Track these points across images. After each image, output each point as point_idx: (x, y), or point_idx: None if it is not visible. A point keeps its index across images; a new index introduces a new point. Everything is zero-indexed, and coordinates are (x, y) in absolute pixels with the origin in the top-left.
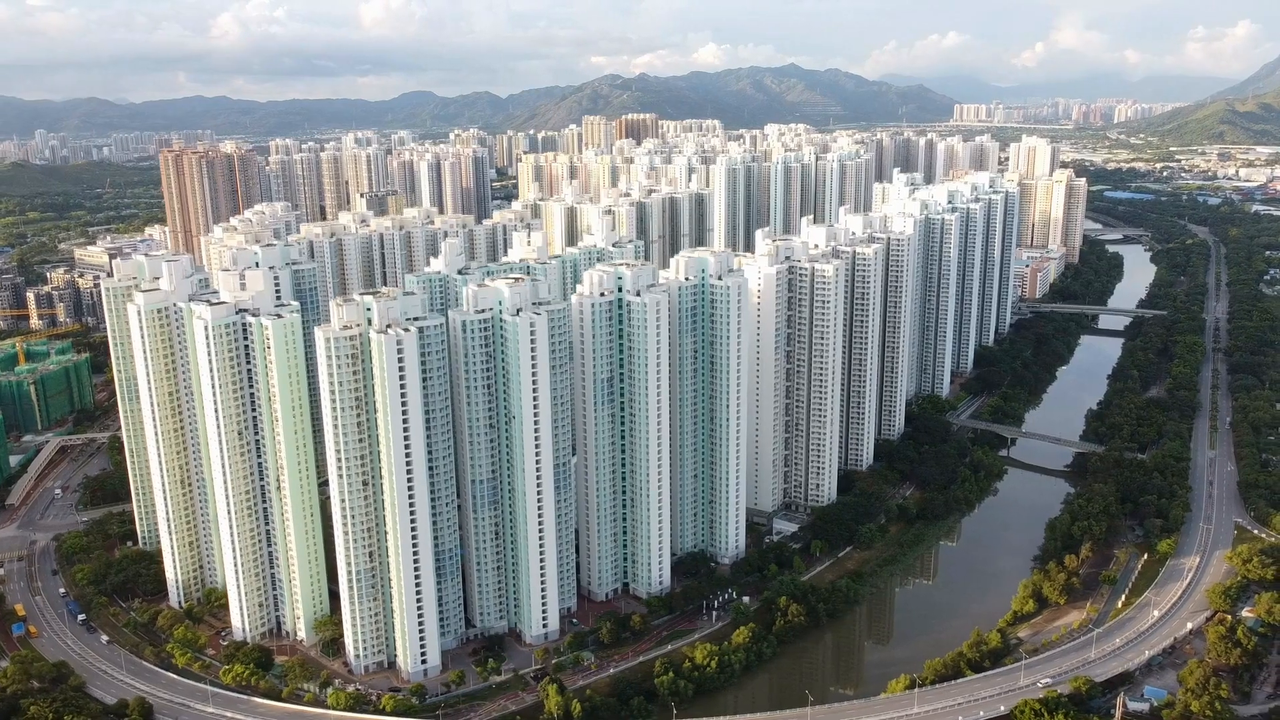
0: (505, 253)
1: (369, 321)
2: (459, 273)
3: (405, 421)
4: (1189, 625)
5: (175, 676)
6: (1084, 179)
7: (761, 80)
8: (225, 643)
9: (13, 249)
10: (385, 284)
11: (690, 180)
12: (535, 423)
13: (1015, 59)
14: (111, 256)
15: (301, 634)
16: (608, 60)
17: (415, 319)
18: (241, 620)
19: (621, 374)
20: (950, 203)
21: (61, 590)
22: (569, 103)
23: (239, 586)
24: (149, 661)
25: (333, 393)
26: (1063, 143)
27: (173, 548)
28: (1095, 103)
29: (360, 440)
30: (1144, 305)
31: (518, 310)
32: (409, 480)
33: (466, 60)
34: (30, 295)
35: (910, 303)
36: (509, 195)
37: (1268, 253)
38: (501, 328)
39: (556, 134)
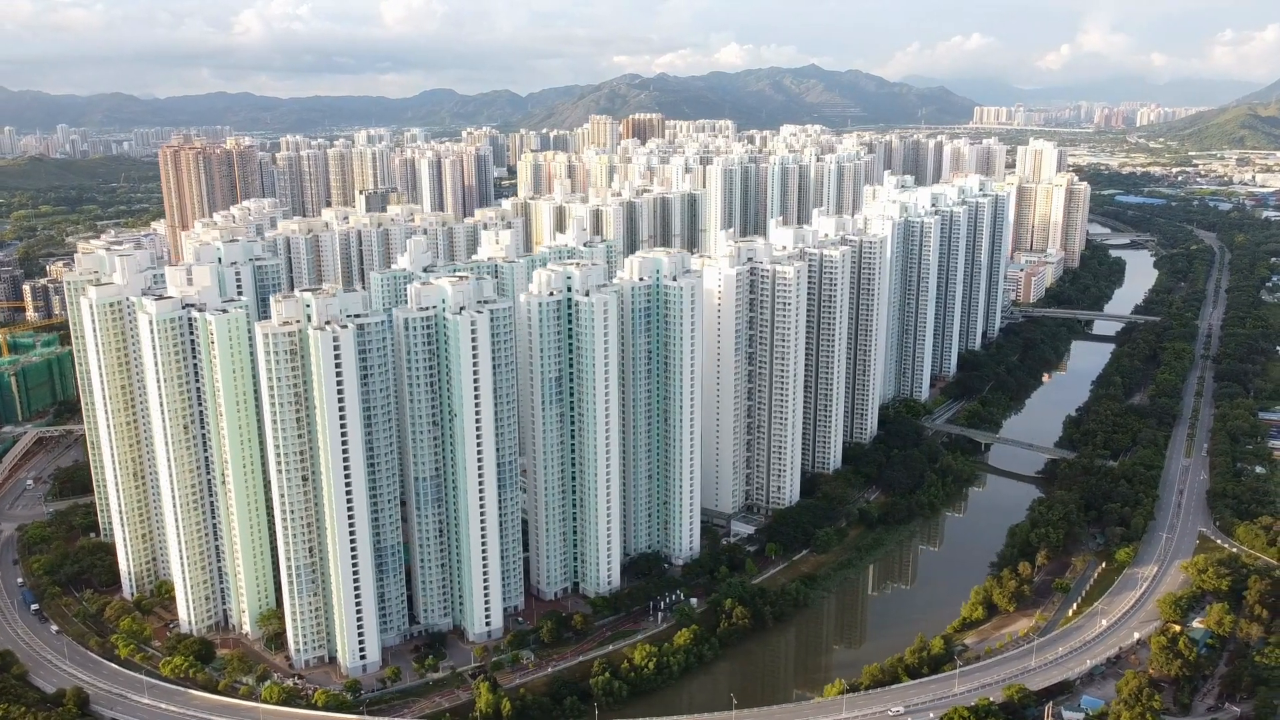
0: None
1: (308, 318)
2: (424, 270)
3: (342, 418)
4: (1136, 635)
5: (117, 667)
6: (1085, 183)
7: (781, 81)
8: (171, 635)
9: (20, 242)
10: (363, 281)
11: (686, 181)
12: (477, 421)
13: (1039, 61)
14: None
15: (246, 628)
16: (629, 60)
17: (356, 316)
18: (187, 613)
19: (571, 374)
20: (934, 205)
21: (19, 580)
22: (586, 102)
23: (185, 579)
24: (94, 652)
25: (271, 388)
26: (1081, 146)
27: (125, 539)
28: (1118, 106)
29: (299, 436)
30: (1140, 311)
31: (460, 308)
32: (347, 476)
33: (487, 58)
34: (26, 288)
35: (884, 305)
36: (513, 194)
37: (1272, 259)
38: (443, 326)
39: (568, 133)
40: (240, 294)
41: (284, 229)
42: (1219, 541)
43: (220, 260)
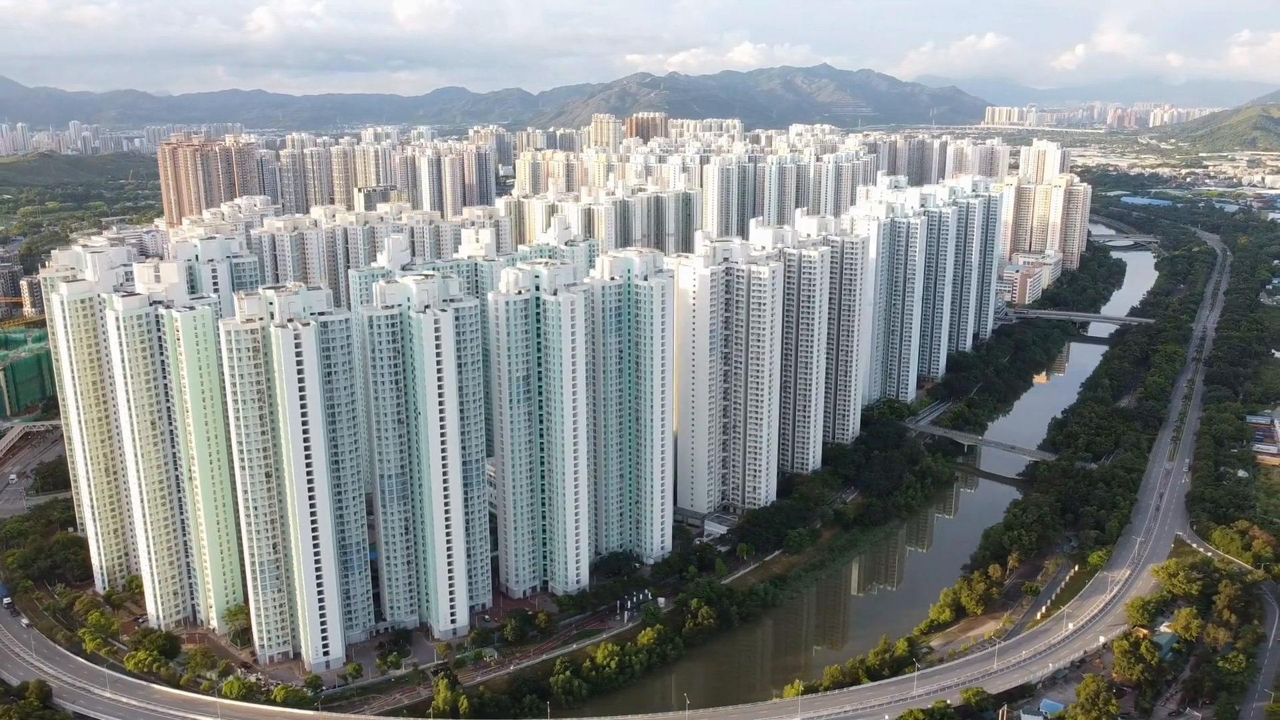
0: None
1: (271, 316)
2: (402, 269)
3: (304, 415)
4: (1101, 639)
5: (83, 661)
6: (1085, 184)
7: (792, 80)
8: (138, 630)
9: (25, 238)
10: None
11: (682, 180)
12: (441, 419)
13: (1054, 61)
14: (113, 246)
15: (214, 623)
16: (642, 59)
17: (320, 314)
18: (156, 607)
19: (539, 372)
20: (922, 206)
21: None
22: (596, 101)
23: (153, 574)
24: (61, 645)
25: (234, 385)
26: (1091, 147)
27: (97, 534)
28: (1132, 107)
29: (263, 433)
30: (1136, 313)
31: (425, 307)
32: (309, 473)
33: (499, 57)
34: (24, 283)
35: (866, 306)
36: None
37: (1274, 262)
38: (407, 324)
39: (574, 131)
40: (216, 291)
41: (269, 227)
42: (1194, 546)
43: (197, 258)
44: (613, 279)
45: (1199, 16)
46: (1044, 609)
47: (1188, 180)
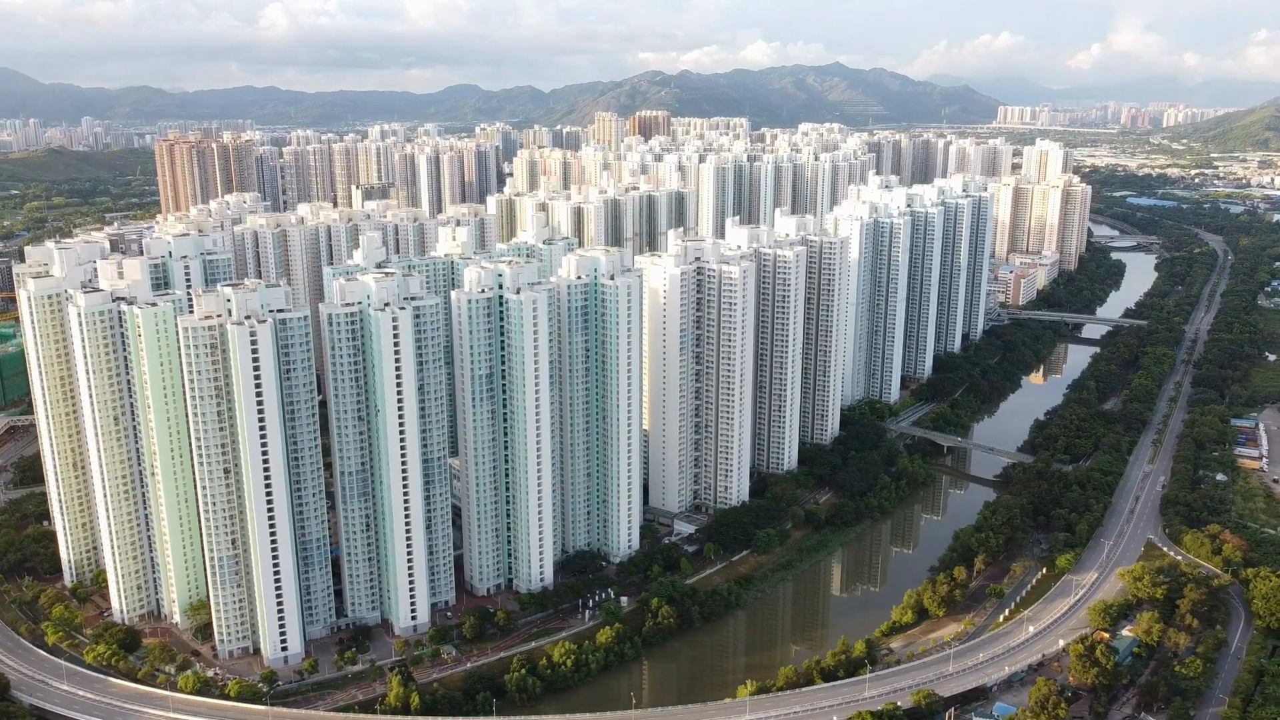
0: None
1: (229, 312)
2: (377, 266)
3: (261, 411)
4: (1061, 643)
5: (44, 654)
6: (1084, 185)
7: (804, 79)
8: (101, 623)
9: (28, 233)
10: None
11: (677, 178)
12: (400, 417)
13: (1070, 61)
14: (112, 242)
15: (177, 617)
16: (655, 57)
17: (279, 311)
18: (120, 601)
19: (502, 371)
20: (908, 206)
21: None
22: (606, 99)
23: (116, 569)
24: (25, 638)
25: (192, 381)
26: (1102, 147)
27: (65, 528)
28: (1146, 107)
29: (221, 429)
30: (1131, 315)
31: (385, 305)
32: (266, 469)
33: (511, 54)
34: None
35: (846, 306)
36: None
37: (1276, 264)
38: (366, 322)
39: (581, 130)
40: (189, 287)
41: (252, 223)
42: (1165, 549)
43: (170, 254)
44: (579, 278)
45: (1217, 16)
46: (1007, 612)
47: (1196, 181)
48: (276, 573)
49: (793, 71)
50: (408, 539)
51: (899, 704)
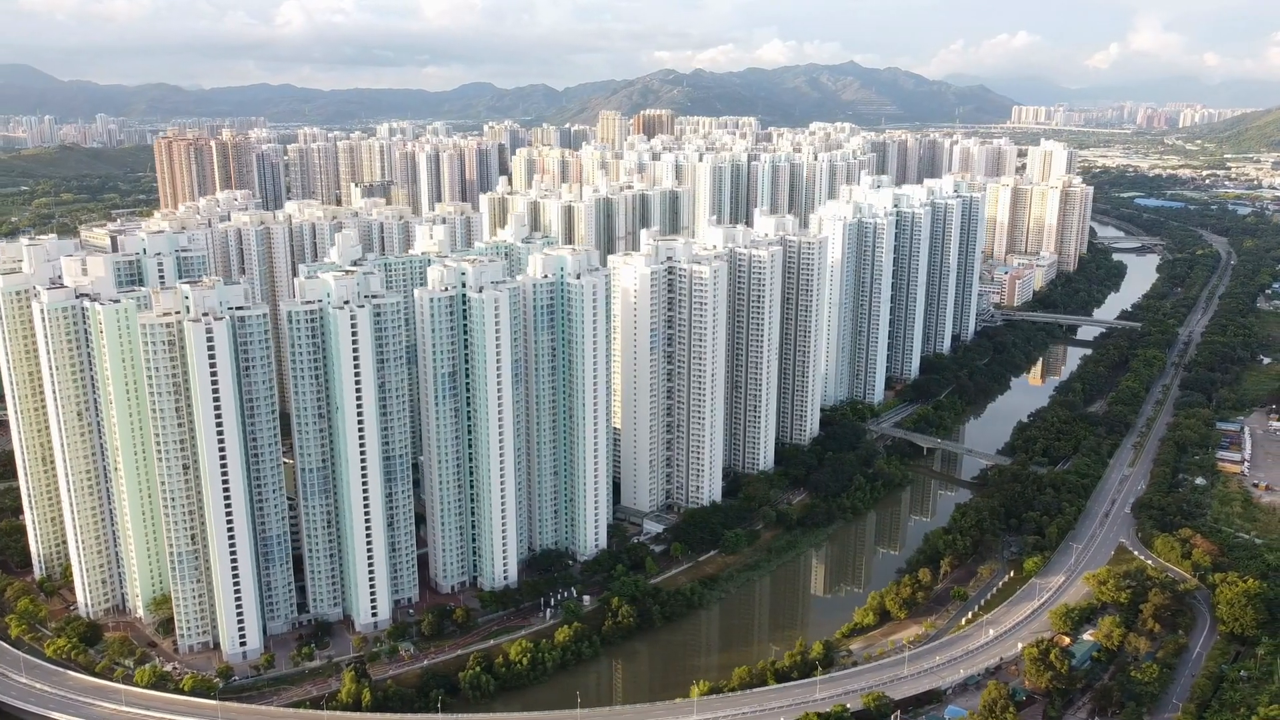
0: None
1: (187, 309)
2: (353, 264)
3: (217, 408)
4: (1020, 646)
5: (6, 646)
6: (1084, 185)
7: (818, 78)
8: (65, 617)
9: (34, 229)
10: None
11: (674, 177)
12: (359, 414)
13: (1087, 60)
14: (114, 238)
15: (140, 612)
16: (670, 55)
17: (237, 308)
18: (84, 595)
19: (465, 369)
20: (895, 206)
21: None
22: (619, 97)
23: (81, 563)
24: None
25: (150, 378)
26: (1115, 147)
27: (34, 522)
28: (1163, 107)
29: (179, 425)
30: (1127, 317)
31: (344, 303)
32: (223, 465)
33: (526, 52)
34: None
35: (826, 306)
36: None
37: (1278, 266)
38: (326, 320)
39: (588, 128)
40: (163, 284)
41: (236, 220)
42: (1135, 553)
43: (144, 251)
44: (545, 277)
45: (1237, 15)
46: (970, 615)
47: (1208, 182)
48: (235, 568)
49: (807, 71)
50: (368, 536)
51: (848, 706)
